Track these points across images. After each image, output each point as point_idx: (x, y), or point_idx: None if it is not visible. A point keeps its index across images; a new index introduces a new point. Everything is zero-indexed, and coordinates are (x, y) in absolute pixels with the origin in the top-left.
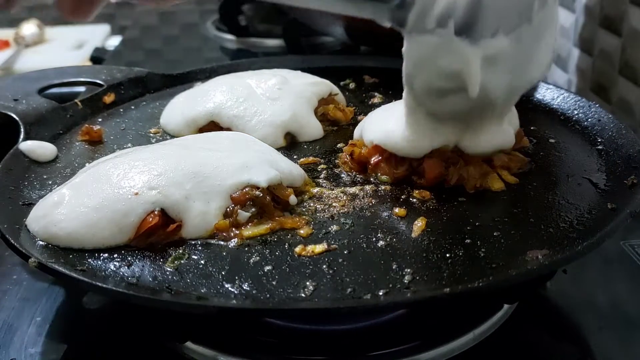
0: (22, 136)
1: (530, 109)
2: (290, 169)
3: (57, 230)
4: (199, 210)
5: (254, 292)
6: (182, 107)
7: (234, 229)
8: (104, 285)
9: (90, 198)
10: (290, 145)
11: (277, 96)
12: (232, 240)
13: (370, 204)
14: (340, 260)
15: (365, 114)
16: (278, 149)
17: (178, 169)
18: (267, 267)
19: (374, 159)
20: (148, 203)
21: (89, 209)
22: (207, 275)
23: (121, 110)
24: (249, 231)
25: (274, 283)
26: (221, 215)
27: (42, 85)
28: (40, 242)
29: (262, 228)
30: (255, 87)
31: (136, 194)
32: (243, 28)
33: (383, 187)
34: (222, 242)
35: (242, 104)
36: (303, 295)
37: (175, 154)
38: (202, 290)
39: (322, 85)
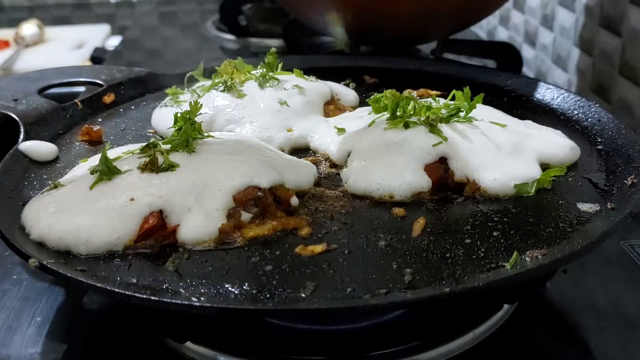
0: (22, 136)
1: (530, 108)
2: (297, 175)
3: (51, 233)
4: (199, 223)
5: (254, 292)
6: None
7: (237, 230)
8: (104, 286)
9: (86, 204)
10: None
11: (278, 109)
12: (233, 241)
13: (370, 204)
14: (340, 260)
15: None
16: None
17: (180, 176)
18: (267, 267)
19: None
20: (145, 206)
21: (85, 214)
22: (207, 275)
23: (121, 110)
24: (252, 232)
25: (274, 283)
26: (224, 217)
27: (42, 85)
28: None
29: (265, 228)
30: (255, 95)
31: (132, 199)
32: (243, 28)
33: None
34: (222, 242)
35: (242, 112)
36: (303, 295)
37: (176, 158)
38: (202, 290)
39: (324, 89)
